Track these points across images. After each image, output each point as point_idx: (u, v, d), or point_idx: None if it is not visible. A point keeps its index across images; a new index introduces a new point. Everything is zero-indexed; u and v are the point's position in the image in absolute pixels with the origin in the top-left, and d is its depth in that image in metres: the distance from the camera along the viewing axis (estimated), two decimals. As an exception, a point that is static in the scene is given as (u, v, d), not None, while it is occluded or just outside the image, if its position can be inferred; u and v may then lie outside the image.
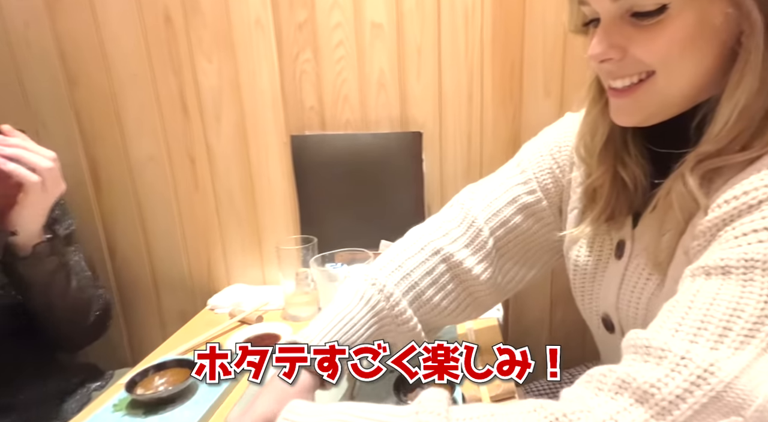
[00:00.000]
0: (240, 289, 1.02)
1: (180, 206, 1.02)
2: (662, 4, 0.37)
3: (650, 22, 0.38)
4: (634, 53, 0.40)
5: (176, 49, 0.92)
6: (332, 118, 0.93)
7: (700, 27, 0.38)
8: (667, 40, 0.38)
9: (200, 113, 0.96)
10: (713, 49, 0.39)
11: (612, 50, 0.41)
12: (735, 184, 0.38)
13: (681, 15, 0.37)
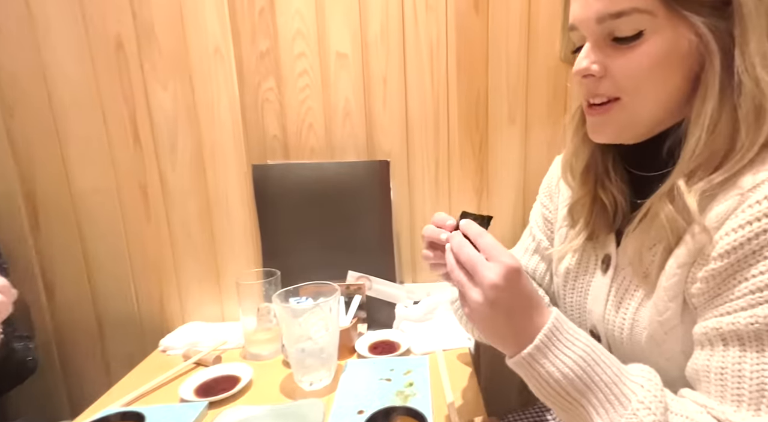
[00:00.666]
0: (196, 328, 0.95)
1: (129, 240, 0.95)
2: (638, 31, 0.42)
3: (628, 45, 0.43)
4: (613, 72, 0.45)
5: (128, 76, 0.88)
6: (296, 146, 0.91)
7: (669, 52, 0.42)
8: (642, 61, 0.43)
9: (153, 142, 0.91)
10: (681, 73, 0.43)
11: (594, 66, 0.45)
12: (725, 206, 0.40)
13: (653, 40, 0.42)
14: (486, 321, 0.42)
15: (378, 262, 0.90)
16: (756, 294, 0.38)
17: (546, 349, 0.40)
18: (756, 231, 0.38)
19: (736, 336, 0.39)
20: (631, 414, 0.38)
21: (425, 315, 0.87)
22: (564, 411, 0.41)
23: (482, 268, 0.41)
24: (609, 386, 0.39)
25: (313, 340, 0.70)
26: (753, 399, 0.38)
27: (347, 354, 0.81)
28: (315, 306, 0.70)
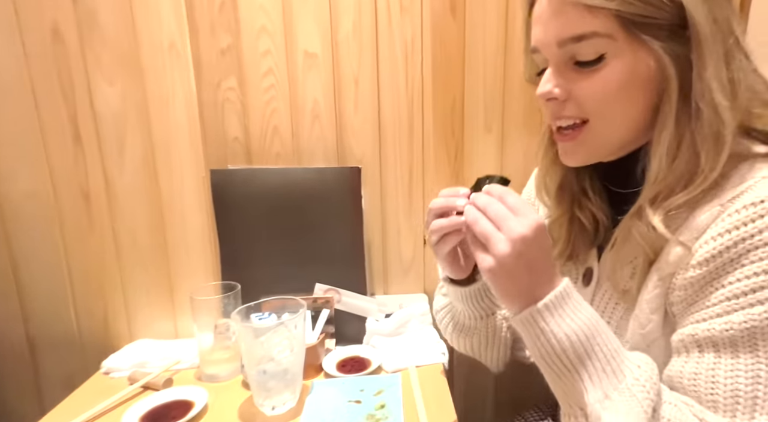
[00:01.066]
0: (145, 346, 0.87)
1: (68, 250, 0.86)
2: (599, 55, 0.42)
3: (590, 69, 0.43)
4: (576, 95, 0.45)
5: (67, 69, 0.80)
6: (260, 150, 0.85)
7: (630, 76, 0.42)
8: (604, 85, 0.43)
9: (98, 143, 0.83)
10: (642, 97, 0.44)
11: (557, 90, 0.46)
12: (707, 216, 0.41)
13: (614, 64, 0.42)
14: (507, 274, 0.41)
15: (348, 274, 0.85)
16: (732, 301, 0.39)
17: (555, 309, 0.40)
18: (734, 240, 0.38)
19: (711, 342, 0.40)
20: (625, 388, 0.39)
21: (397, 329, 0.83)
22: (558, 376, 0.41)
23: (512, 221, 0.40)
24: (608, 358, 0.40)
25: (277, 361, 0.65)
26: (728, 406, 0.38)
27: (313, 374, 0.75)
28: (279, 324, 0.65)
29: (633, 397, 0.38)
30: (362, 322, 0.85)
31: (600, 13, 0.41)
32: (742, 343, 0.38)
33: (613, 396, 0.39)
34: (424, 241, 0.92)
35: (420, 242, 0.91)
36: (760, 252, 0.37)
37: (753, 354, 0.38)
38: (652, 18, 0.40)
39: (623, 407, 0.38)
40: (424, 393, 0.68)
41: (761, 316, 0.37)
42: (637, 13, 0.40)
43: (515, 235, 0.40)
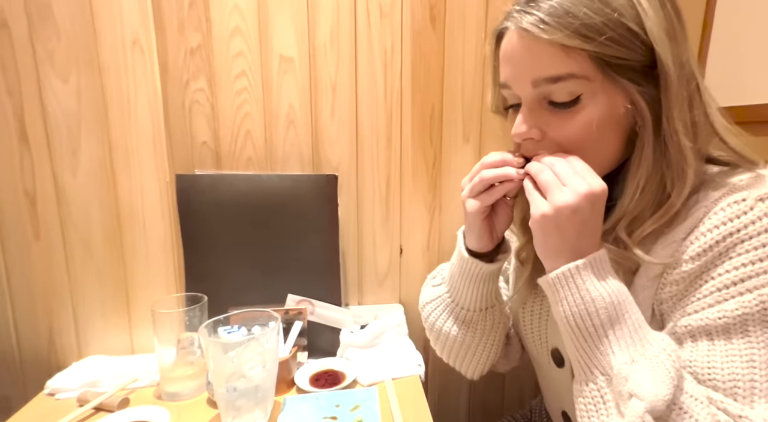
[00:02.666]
0: (97, 363, 0.80)
1: (8, 259, 0.79)
2: (575, 96, 0.43)
3: (565, 110, 0.44)
4: (552, 136, 0.46)
5: (13, 62, 0.73)
6: (230, 155, 0.81)
7: (606, 117, 0.43)
8: (580, 127, 0.44)
9: (47, 143, 0.76)
10: (617, 136, 0.45)
11: (533, 131, 0.46)
12: (693, 219, 0.43)
13: (590, 106, 0.43)
14: (559, 225, 0.42)
15: (322, 284, 0.83)
16: (723, 291, 0.41)
17: (594, 269, 0.41)
18: (723, 234, 0.41)
19: (704, 331, 0.41)
20: (653, 355, 0.39)
21: (372, 341, 0.82)
22: (584, 338, 0.42)
23: (577, 180, 0.41)
24: (635, 327, 0.41)
25: (248, 378, 0.61)
26: (727, 389, 0.40)
27: (285, 389, 0.72)
28: (251, 338, 0.62)
29: (661, 363, 0.39)
30: (336, 334, 0.83)
31: (576, 55, 0.41)
32: (735, 330, 0.40)
33: (640, 361, 0.39)
34: (401, 251, 0.91)
35: (396, 252, 0.90)
36: (746, 244, 0.40)
37: (746, 340, 0.40)
38: (626, 60, 0.42)
39: (650, 370, 0.39)
40: (402, 406, 0.67)
41: (752, 303, 0.39)
42: (613, 55, 0.41)
43: (582, 191, 0.41)
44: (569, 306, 0.42)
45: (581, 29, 0.40)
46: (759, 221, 0.40)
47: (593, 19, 0.40)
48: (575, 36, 0.40)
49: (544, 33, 0.41)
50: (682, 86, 0.42)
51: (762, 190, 0.41)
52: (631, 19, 0.41)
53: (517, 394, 0.98)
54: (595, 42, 0.40)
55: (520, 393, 0.98)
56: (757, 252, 0.40)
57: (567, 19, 0.40)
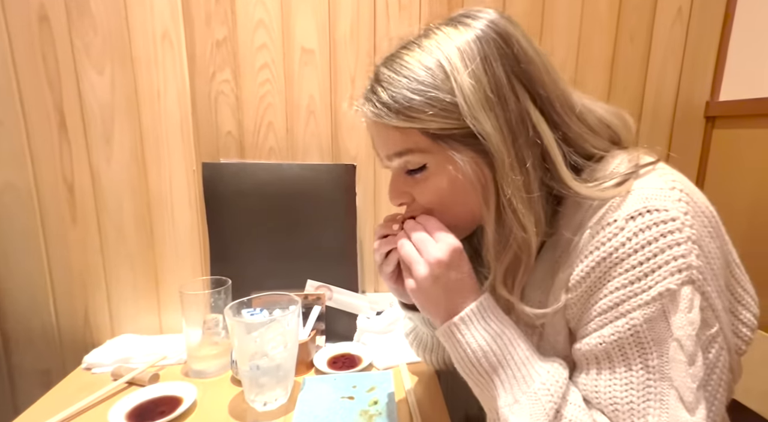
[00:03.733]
0: (129, 341, 0.85)
1: (49, 243, 0.83)
2: (422, 164, 0.46)
3: (417, 176, 0.47)
4: (417, 198, 0.49)
5: (53, 56, 0.77)
6: (253, 145, 0.84)
7: (452, 181, 0.45)
8: (433, 190, 0.47)
9: (84, 132, 0.80)
10: (472, 196, 0.45)
11: (402, 195, 0.50)
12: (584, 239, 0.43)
13: (436, 172, 0.46)
14: (427, 294, 0.45)
15: (340, 271, 0.85)
16: (602, 316, 0.41)
17: (470, 322, 0.44)
18: (597, 259, 0.41)
19: (592, 356, 0.42)
20: (532, 392, 0.42)
21: (388, 327, 0.84)
22: (476, 385, 0.45)
23: (431, 246, 0.45)
24: (518, 365, 0.43)
25: (270, 357, 0.64)
26: (610, 414, 0.41)
27: (304, 370, 0.75)
28: (272, 320, 0.65)
29: (538, 401, 0.41)
30: (353, 319, 0.85)
31: (410, 132, 0.44)
32: (615, 355, 0.41)
33: (521, 400, 0.42)
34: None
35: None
36: (618, 267, 0.40)
37: (625, 364, 0.40)
38: (453, 130, 0.43)
39: (528, 410, 0.41)
40: (416, 389, 0.69)
41: (624, 328, 0.40)
42: (439, 128, 0.43)
43: (432, 259, 0.44)
44: (457, 359, 0.45)
45: (405, 111, 0.43)
46: (629, 241, 0.39)
47: (413, 100, 0.42)
48: (401, 118, 0.43)
49: (378, 118, 0.45)
50: (509, 150, 0.42)
51: (631, 208, 0.40)
52: (447, 92, 0.42)
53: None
54: (419, 120, 0.43)
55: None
56: (628, 275, 0.39)
57: (393, 104, 0.43)
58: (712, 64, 0.89)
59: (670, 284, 0.38)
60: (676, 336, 0.38)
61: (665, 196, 0.40)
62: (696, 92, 0.90)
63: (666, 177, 0.42)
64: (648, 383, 0.39)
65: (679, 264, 0.38)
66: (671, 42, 0.88)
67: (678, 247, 0.38)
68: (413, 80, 0.42)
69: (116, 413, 0.63)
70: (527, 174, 0.43)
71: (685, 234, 0.39)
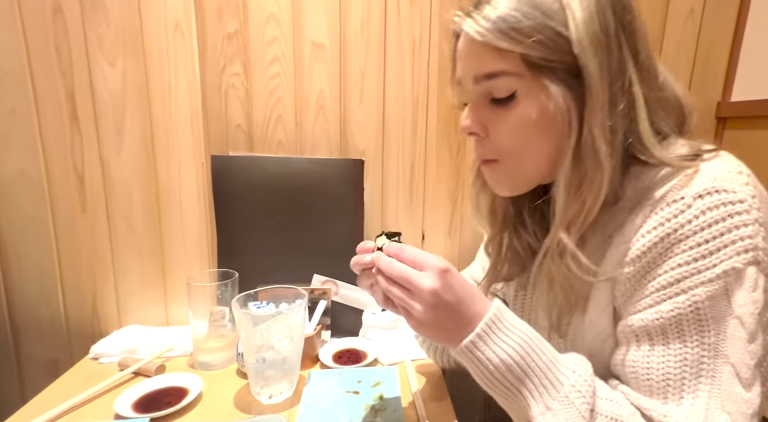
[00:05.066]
0: (135, 332, 0.85)
1: (59, 232, 0.84)
2: (511, 92, 0.45)
3: (503, 106, 0.46)
4: (492, 133, 0.48)
5: (67, 46, 0.77)
6: (262, 138, 0.85)
7: (539, 115, 0.45)
8: (515, 123, 0.46)
9: (95, 123, 0.81)
10: (551, 137, 0.45)
11: (476, 126, 0.48)
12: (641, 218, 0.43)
13: (525, 102, 0.45)
14: (433, 326, 0.44)
15: (346, 266, 0.83)
16: (660, 292, 0.41)
17: (486, 337, 0.43)
18: (660, 235, 0.41)
19: (645, 332, 0.43)
20: (563, 396, 0.41)
21: (393, 323, 0.84)
22: (504, 398, 0.44)
23: (417, 279, 0.43)
24: (544, 371, 0.42)
25: (276, 350, 0.65)
26: (660, 389, 0.41)
27: (310, 364, 0.76)
28: (279, 312, 0.65)
29: (571, 404, 0.41)
30: (358, 315, 0.85)
31: (508, 55, 0.44)
32: (671, 331, 0.41)
33: (553, 406, 0.41)
34: (423, 236, 0.93)
35: (418, 237, 0.92)
36: (682, 244, 0.40)
37: (681, 340, 0.41)
38: (554, 62, 0.43)
39: (563, 415, 0.41)
40: (421, 386, 0.69)
41: (684, 304, 0.40)
42: (540, 57, 0.43)
43: (425, 292, 0.42)
44: (479, 377, 0.44)
45: (510, 32, 0.43)
46: (696, 219, 0.40)
47: (522, 22, 0.42)
48: (505, 39, 0.43)
49: (480, 36, 0.44)
50: (604, 91, 0.42)
51: (700, 187, 0.40)
52: (559, 23, 0.42)
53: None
54: (523, 44, 0.43)
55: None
56: (692, 252, 0.40)
57: (499, 23, 0.43)
58: (724, 64, 0.88)
59: (736, 263, 0.39)
60: (737, 314, 0.39)
61: (733, 178, 0.40)
62: (707, 93, 0.90)
63: (731, 162, 0.43)
64: (702, 360, 0.40)
65: (746, 245, 0.39)
66: (683, 42, 0.87)
67: (745, 228, 0.39)
68: (526, 3, 0.42)
69: (123, 402, 0.64)
70: (615, 118, 0.43)
71: (753, 216, 0.39)
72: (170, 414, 0.62)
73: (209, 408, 0.65)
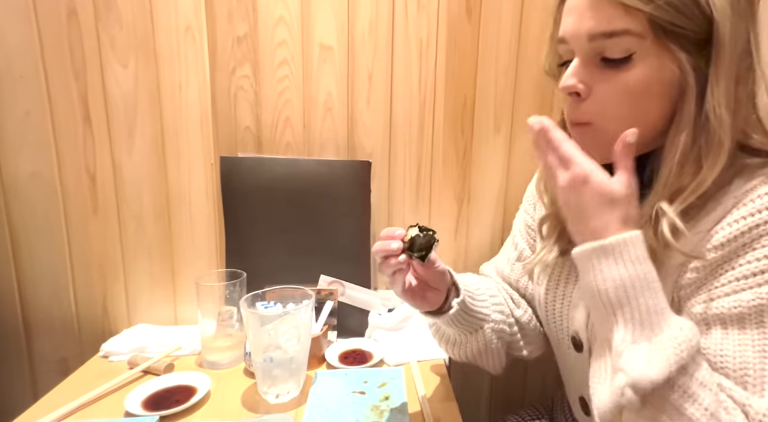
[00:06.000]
0: (144, 331, 0.87)
1: (71, 232, 0.85)
2: (628, 54, 0.44)
3: (616, 67, 0.44)
4: (597, 93, 0.46)
5: (80, 48, 0.79)
6: (270, 140, 0.85)
7: (653, 79, 0.44)
8: (627, 85, 0.44)
9: (107, 124, 0.82)
10: (660, 103, 0.45)
11: (580, 85, 0.46)
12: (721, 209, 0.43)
13: (641, 65, 0.44)
14: (578, 195, 0.43)
15: (353, 267, 0.86)
16: (741, 281, 0.41)
17: (612, 252, 0.41)
18: (749, 225, 0.41)
19: (719, 319, 0.42)
20: (658, 341, 0.39)
21: (399, 324, 0.84)
22: (595, 309, 0.43)
23: (582, 157, 0.43)
24: (649, 313, 0.40)
25: (283, 349, 0.65)
26: (738, 377, 0.40)
27: (316, 364, 0.76)
28: (287, 312, 0.65)
29: (662, 350, 0.39)
30: (365, 315, 0.86)
31: (635, 14, 0.42)
32: (749, 320, 0.41)
33: (641, 343, 0.40)
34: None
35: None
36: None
37: (760, 331, 0.40)
38: (682, 28, 0.42)
39: (647, 354, 0.39)
40: (427, 387, 0.69)
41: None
42: (669, 21, 0.42)
43: (583, 166, 0.42)
44: (586, 281, 0.43)
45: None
46: None
47: None
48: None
49: None
50: (733, 62, 0.42)
51: None
52: None
53: (540, 384, 0.98)
54: (653, 4, 0.41)
55: (542, 383, 0.98)
56: None
57: None
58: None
59: None
60: None
61: None
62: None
63: None
64: None
65: None
66: None
67: None
68: None
69: (133, 400, 0.65)
70: (740, 92, 0.43)
71: None
72: (179, 412, 0.63)
73: (217, 406, 0.66)
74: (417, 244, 0.52)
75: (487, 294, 0.64)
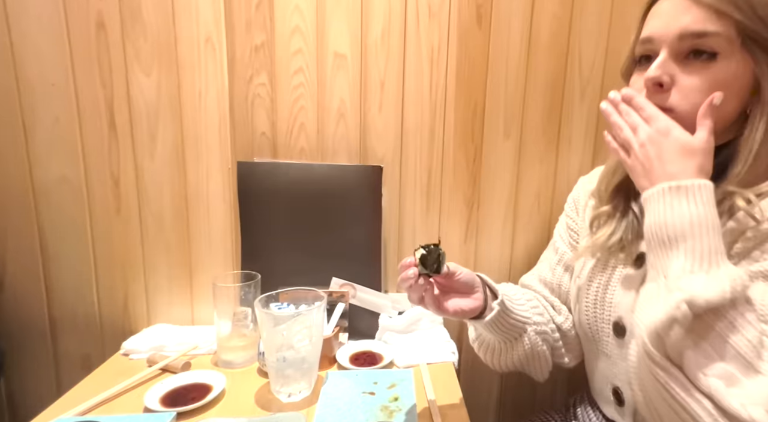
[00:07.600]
0: (163, 330, 0.89)
1: (95, 234, 0.89)
2: (714, 52, 0.48)
3: (701, 63, 0.48)
4: (680, 86, 0.49)
5: (107, 59, 0.83)
6: (285, 145, 0.88)
7: (734, 79, 0.48)
8: (709, 80, 0.48)
9: (131, 130, 0.86)
10: (736, 101, 0.49)
11: (665, 76, 0.50)
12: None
13: (724, 64, 0.48)
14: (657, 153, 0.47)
15: (364, 270, 0.87)
16: None
17: (692, 192, 0.44)
18: None
19: (761, 275, 0.45)
20: (716, 272, 0.42)
21: (409, 327, 0.85)
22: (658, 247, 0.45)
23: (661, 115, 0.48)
24: (710, 251, 0.43)
25: (295, 349, 0.67)
26: None
27: (327, 365, 0.77)
28: (299, 313, 0.67)
29: (719, 280, 0.41)
30: (375, 318, 0.87)
31: (725, 18, 0.47)
32: None
33: (698, 273, 0.42)
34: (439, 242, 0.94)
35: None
36: None
37: None
38: (765, 38, 0.46)
39: (703, 281, 0.41)
40: (436, 389, 0.70)
41: None
42: (754, 29, 0.47)
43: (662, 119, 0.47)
44: (651, 219, 0.46)
45: (737, 1, 0.46)
46: None
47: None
48: (729, 3, 0.46)
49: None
50: None
51: None
52: None
53: (550, 390, 0.98)
54: (744, 13, 0.46)
55: (552, 388, 0.98)
56: None
57: None
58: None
59: None
60: None
61: None
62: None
63: None
64: None
65: None
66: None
67: None
68: None
69: (151, 397, 0.67)
70: None
71: None
72: (195, 409, 0.65)
73: (231, 404, 0.68)
74: (427, 261, 0.56)
75: (524, 299, 0.67)
